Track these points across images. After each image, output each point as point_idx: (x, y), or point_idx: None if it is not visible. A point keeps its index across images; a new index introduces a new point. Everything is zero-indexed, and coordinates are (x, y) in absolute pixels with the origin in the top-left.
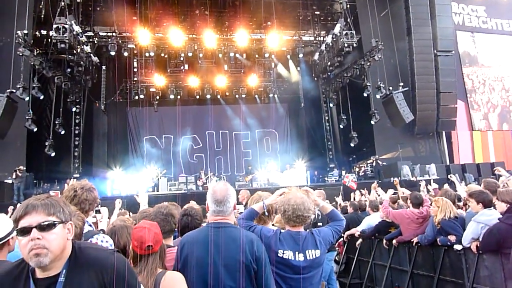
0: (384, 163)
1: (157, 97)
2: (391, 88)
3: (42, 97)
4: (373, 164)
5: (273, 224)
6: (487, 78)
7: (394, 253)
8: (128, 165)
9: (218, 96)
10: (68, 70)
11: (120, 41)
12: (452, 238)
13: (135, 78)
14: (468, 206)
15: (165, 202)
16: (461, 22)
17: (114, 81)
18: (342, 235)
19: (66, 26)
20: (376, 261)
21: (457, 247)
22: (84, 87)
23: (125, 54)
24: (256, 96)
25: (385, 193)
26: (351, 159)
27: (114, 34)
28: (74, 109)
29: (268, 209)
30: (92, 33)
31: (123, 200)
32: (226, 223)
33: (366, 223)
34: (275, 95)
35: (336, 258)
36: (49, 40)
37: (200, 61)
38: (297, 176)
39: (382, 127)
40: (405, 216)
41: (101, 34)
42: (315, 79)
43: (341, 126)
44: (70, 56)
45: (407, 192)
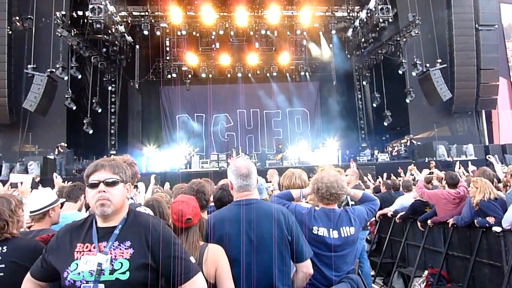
0: (419, 143)
1: (189, 76)
2: (428, 65)
3: (80, 77)
4: (407, 144)
5: (307, 202)
6: None
7: (428, 234)
8: (162, 143)
9: (249, 75)
10: (104, 50)
11: (153, 20)
12: (491, 220)
13: (168, 57)
14: (509, 187)
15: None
16: None
17: (148, 61)
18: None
19: (101, 6)
20: (409, 241)
21: (496, 229)
22: (119, 67)
23: (158, 33)
24: (287, 74)
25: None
26: (384, 139)
27: (147, 14)
28: (110, 88)
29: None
30: (126, 13)
31: (158, 176)
32: (253, 199)
33: (399, 203)
34: (307, 73)
35: (368, 237)
36: (85, 21)
37: (231, 39)
38: (328, 155)
39: (417, 106)
40: (441, 197)
41: (135, 14)
42: (348, 56)
43: (374, 105)
44: (106, 36)
45: (441, 174)
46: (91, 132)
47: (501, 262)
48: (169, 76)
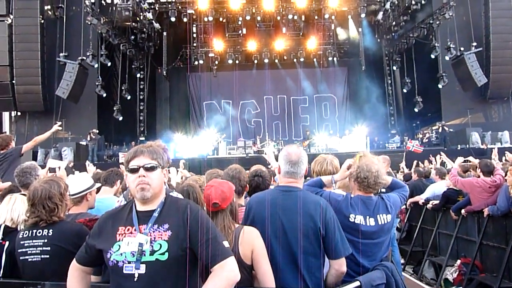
0: (451, 130)
1: (216, 62)
2: (462, 49)
3: (110, 64)
4: (439, 131)
5: (338, 188)
6: None
7: (462, 223)
8: (189, 129)
9: (276, 61)
10: (132, 37)
11: (180, 7)
12: None
13: (195, 44)
14: None
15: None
16: None
17: (175, 47)
18: (405, 202)
19: None
20: (441, 230)
21: None
22: (147, 54)
23: (185, 20)
24: (315, 60)
25: (453, 162)
26: (415, 125)
27: (174, 0)
28: (139, 75)
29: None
30: (153, 0)
31: (186, 162)
32: (295, 187)
33: (431, 191)
34: (335, 59)
35: (398, 225)
36: (114, 8)
37: (258, 25)
38: (357, 142)
39: (450, 91)
40: (476, 185)
41: (162, 1)
42: (378, 41)
43: (405, 90)
44: (134, 24)
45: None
46: (121, 119)
47: None
48: (196, 63)
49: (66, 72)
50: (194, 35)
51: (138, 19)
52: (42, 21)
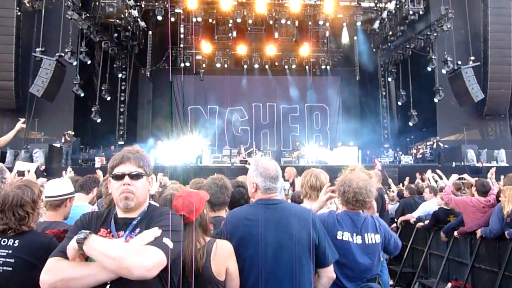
0: (446, 146)
1: (203, 66)
2: (460, 63)
3: (90, 62)
4: (433, 146)
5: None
6: None
7: (453, 244)
8: (172, 135)
9: (267, 66)
10: (115, 35)
11: (167, 5)
12: None
13: (181, 45)
14: None
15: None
16: None
17: (160, 48)
18: (396, 220)
19: None
20: (432, 251)
21: None
22: (130, 53)
23: (172, 19)
24: (307, 68)
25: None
26: (409, 140)
27: None
28: (120, 76)
29: None
30: None
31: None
32: (281, 200)
33: (423, 209)
34: (328, 67)
35: None
36: (97, 3)
37: (249, 28)
38: (348, 155)
39: (446, 106)
40: (470, 204)
41: None
42: (373, 50)
43: (400, 103)
44: (117, 21)
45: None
46: (99, 121)
47: None
48: (182, 65)
49: (42, 69)
50: (182, 36)
51: (123, 16)
52: (19, 13)
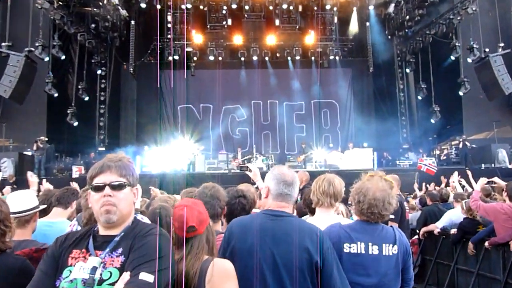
0: (474, 146)
1: (194, 59)
2: (488, 50)
3: (64, 58)
4: (459, 147)
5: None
6: None
7: (484, 257)
8: (160, 138)
9: (267, 58)
10: (93, 26)
11: None
12: None
13: (169, 36)
14: None
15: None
16: None
17: (145, 39)
18: (418, 231)
19: None
20: (460, 266)
21: None
22: (111, 46)
23: (158, 7)
24: (313, 59)
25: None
26: (431, 139)
27: None
28: (99, 72)
29: None
30: None
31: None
32: (287, 213)
33: (448, 218)
34: (337, 58)
35: None
36: None
37: (246, 15)
38: (362, 158)
39: (473, 100)
40: (501, 211)
41: None
42: (389, 38)
43: (420, 98)
44: (95, 9)
45: (503, 184)
46: (76, 124)
47: None
48: (171, 58)
49: (9, 66)
50: (169, 25)
51: (101, 4)
52: None
